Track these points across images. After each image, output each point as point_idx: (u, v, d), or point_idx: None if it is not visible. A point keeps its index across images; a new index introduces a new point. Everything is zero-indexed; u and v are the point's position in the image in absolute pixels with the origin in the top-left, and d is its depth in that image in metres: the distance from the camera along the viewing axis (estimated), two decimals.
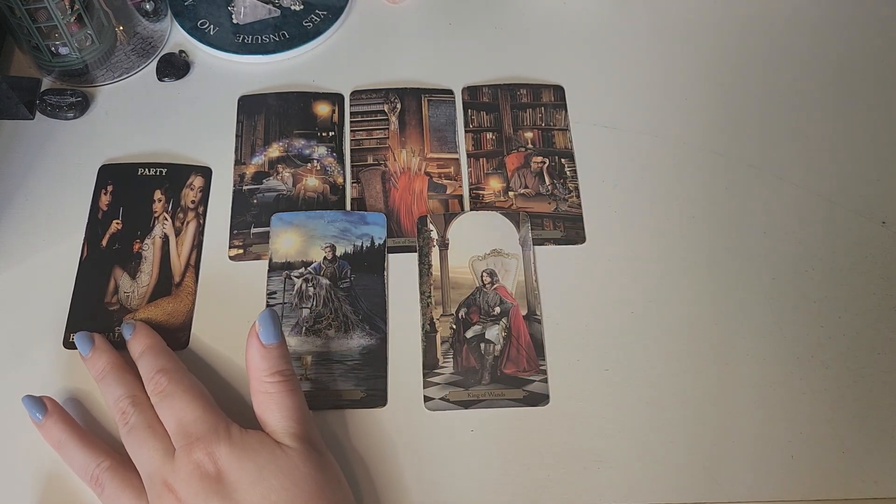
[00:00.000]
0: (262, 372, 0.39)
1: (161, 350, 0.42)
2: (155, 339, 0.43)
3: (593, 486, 0.42)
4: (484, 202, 0.51)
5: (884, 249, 0.49)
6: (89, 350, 0.43)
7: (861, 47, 0.58)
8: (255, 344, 0.39)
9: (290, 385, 0.39)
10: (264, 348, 0.39)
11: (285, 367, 0.39)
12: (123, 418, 0.40)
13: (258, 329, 0.39)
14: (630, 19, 0.59)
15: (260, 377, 0.39)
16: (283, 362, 0.39)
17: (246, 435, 0.38)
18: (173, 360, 0.42)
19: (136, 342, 0.43)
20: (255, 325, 0.39)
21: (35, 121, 0.53)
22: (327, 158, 0.52)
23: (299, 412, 0.39)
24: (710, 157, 0.53)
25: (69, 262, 0.48)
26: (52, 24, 0.49)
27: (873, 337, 0.46)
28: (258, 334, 0.39)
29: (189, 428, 0.38)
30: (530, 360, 0.45)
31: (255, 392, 0.39)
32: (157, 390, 0.40)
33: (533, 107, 0.54)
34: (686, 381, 0.45)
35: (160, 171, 0.51)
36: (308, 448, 0.38)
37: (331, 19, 0.57)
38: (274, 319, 0.39)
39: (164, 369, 0.40)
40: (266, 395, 0.39)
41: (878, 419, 0.44)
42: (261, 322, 0.39)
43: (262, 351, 0.39)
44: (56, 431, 0.41)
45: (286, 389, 0.39)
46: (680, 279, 0.48)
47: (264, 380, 0.39)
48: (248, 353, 0.39)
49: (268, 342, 0.39)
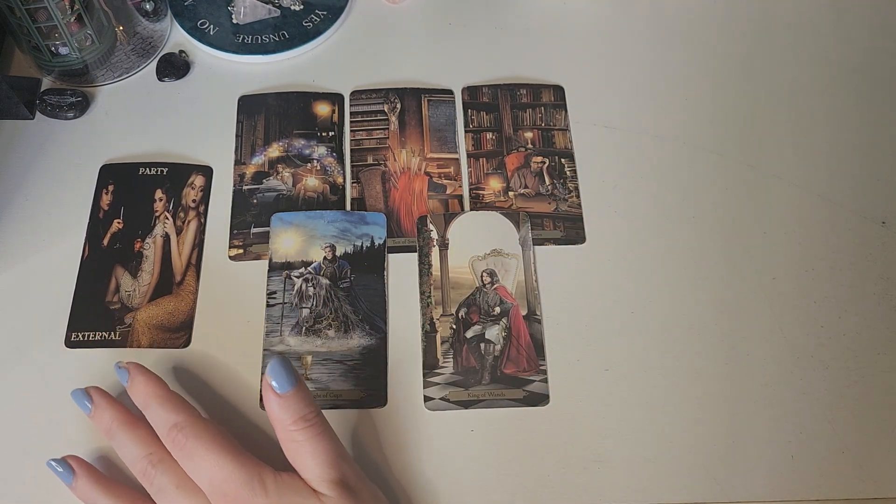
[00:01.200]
0: (285, 422, 0.37)
1: (166, 399, 0.40)
2: (157, 387, 0.40)
3: (593, 486, 0.42)
4: (484, 202, 0.51)
5: (884, 249, 0.49)
6: (89, 408, 0.41)
7: (861, 47, 0.58)
8: (272, 397, 0.37)
9: (318, 429, 0.38)
10: (281, 398, 0.37)
11: (308, 410, 0.38)
12: (147, 479, 0.38)
13: (270, 382, 0.37)
14: (630, 19, 0.59)
15: (284, 427, 0.37)
16: (305, 406, 0.38)
17: (281, 484, 0.37)
18: (184, 408, 0.40)
19: (137, 392, 0.41)
20: (265, 377, 0.38)
21: (35, 121, 0.53)
22: (327, 158, 0.52)
23: (331, 455, 0.37)
24: (710, 157, 0.53)
25: (70, 261, 0.48)
26: (52, 24, 0.49)
27: (873, 337, 0.46)
28: (271, 387, 0.37)
29: (223, 487, 0.37)
30: (530, 360, 0.45)
31: (284, 441, 0.38)
32: (178, 448, 0.38)
33: (533, 107, 0.54)
34: (686, 381, 0.45)
35: (161, 170, 0.51)
36: (345, 493, 0.37)
37: (331, 19, 0.57)
38: (284, 367, 0.38)
39: (178, 424, 0.38)
40: (294, 444, 0.37)
41: (878, 419, 0.44)
42: (271, 374, 0.37)
43: (279, 402, 0.37)
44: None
45: (314, 434, 0.37)
46: (680, 279, 0.48)
47: (289, 429, 0.37)
48: (266, 407, 0.38)
49: (283, 391, 0.37)
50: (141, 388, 0.40)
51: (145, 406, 0.40)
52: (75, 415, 0.43)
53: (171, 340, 0.45)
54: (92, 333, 0.45)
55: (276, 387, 0.37)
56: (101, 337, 0.45)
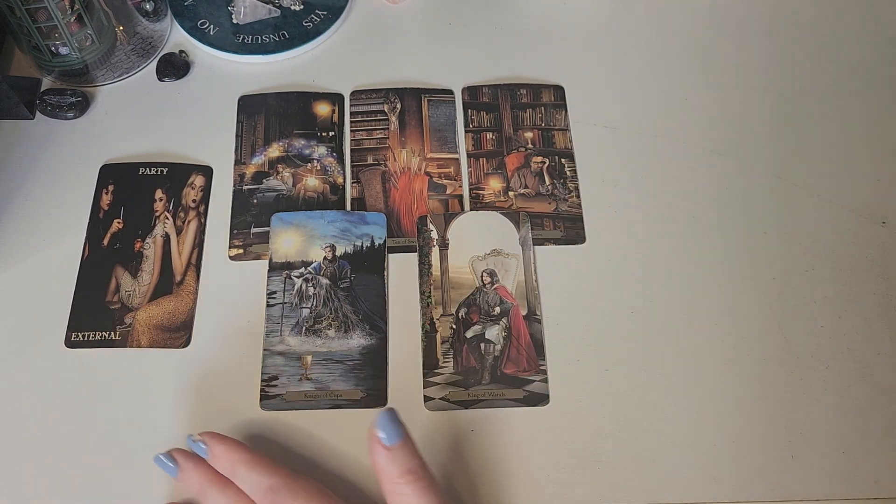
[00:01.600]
0: (391, 474, 0.37)
1: (255, 462, 0.39)
2: (241, 452, 0.39)
3: (593, 486, 0.42)
4: (484, 202, 0.51)
5: (884, 249, 0.49)
6: (175, 472, 0.40)
7: (861, 47, 0.58)
8: (379, 449, 0.37)
9: (425, 482, 0.37)
10: (389, 451, 0.37)
11: (414, 463, 0.37)
12: None
13: (378, 434, 0.37)
14: (630, 19, 0.59)
15: (391, 479, 0.37)
16: (412, 459, 0.37)
17: None
18: (276, 469, 0.39)
19: (220, 461, 0.39)
20: (373, 430, 0.37)
21: (35, 121, 0.53)
22: (327, 158, 0.52)
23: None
24: (710, 157, 0.53)
25: (70, 261, 0.48)
26: (52, 24, 0.49)
27: (873, 337, 0.46)
28: (379, 439, 0.37)
29: None
30: (530, 360, 0.45)
31: (389, 494, 0.37)
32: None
33: (533, 107, 0.54)
34: (686, 381, 0.45)
35: (161, 170, 0.51)
36: None
37: (331, 19, 0.57)
38: (393, 419, 0.37)
39: (273, 487, 0.38)
40: (401, 497, 0.37)
41: (878, 419, 0.44)
42: (380, 426, 0.37)
43: (387, 454, 0.37)
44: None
45: (422, 488, 0.37)
46: (680, 279, 0.48)
47: (396, 481, 0.37)
48: (373, 459, 0.38)
49: (391, 444, 0.37)
50: (225, 457, 0.39)
51: (233, 473, 0.39)
52: (75, 415, 0.43)
53: (171, 340, 0.45)
54: (92, 333, 0.45)
55: (384, 439, 0.37)
56: (101, 337, 0.45)
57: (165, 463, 0.40)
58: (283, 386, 0.44)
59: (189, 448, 0.40)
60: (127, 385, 0.44)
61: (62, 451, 0.42)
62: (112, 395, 0.44)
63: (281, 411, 0.43)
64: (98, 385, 0.44)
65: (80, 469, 0.42)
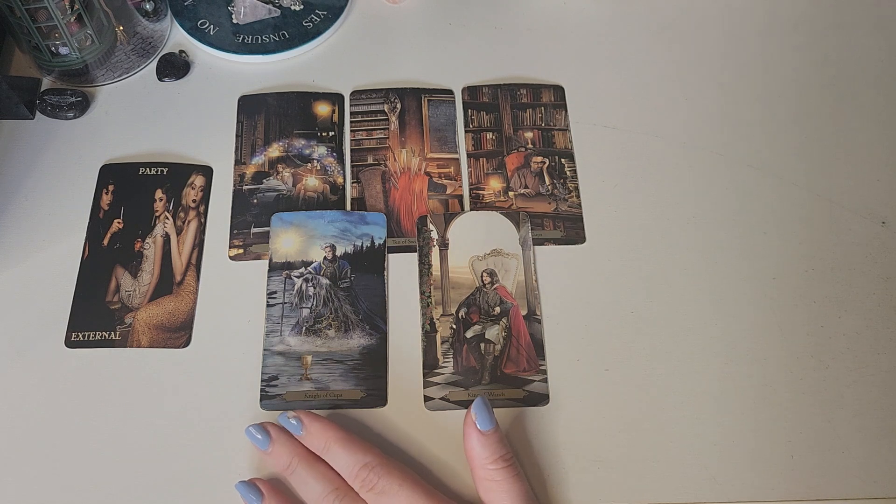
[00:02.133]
0: (484, 460, 0.39)
1: (349, 440, 0.40)
2: (336, 430, 0.40)
3: (593, 486, 0.42)
4: (484, 202, 0.51)
5: (884, 249, 0.49)
6: (268, 444, 0.41)
7: (861, 47, 0.58)
8: (474, 433, 0.39)
9: (515, 470, 0.39)
10: (483, 436, 0.39)
11: (505, 451, 0.40)
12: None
13: (474, 418, 0.39)
14: (630, 19, 0.59)
15: (483, 465, 0.39)
16: (503, 447, 0.40)
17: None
18: (370, 448, 0.40)
19: (315, 438, 0.40)
20: (469, 413, 0.40)
21: (35, 121, 0.53)
22: (327, 158, 0.52)
23: (526, 497, 0.39)
24: (710, 157, 0.53)
25: (70, 261, 0.48)
26: (52, 24, 0.49)
27: (873, 337, 0.46)
28: (475, 423, 0.39)
29: None
30: (530, 360, 0.45)
31: (480, 479, 0.39)
32: (368, 487, 0.38)
33: (533, 107, 0.54)
34: (686, 380, 0.45)
35: (161, 170, 0.51)
36: None
37: (331, 19, 0.57)
38: (487, 406, 0.40)
39: (369, 464, 0.39)
40: (493, 483, 0.39)
41: (878, 419, 0.44)
42: (476, 411, 0.40)
43: (481, 439, 0.39)
44: None
45: (512, 475, 0.39)
46: (680, 279, 0.48)
47: (488, 467, 0.39)
48: (467, 444, 0.40)
49: (485, 429, 0.39)
50: (320, 434, 0.40)
51: (325, 450, 0.40)
52: (75, 414, 0.43)
53: (171, 340, 0.45)
54: (92, 333, 0.45)
55: (479, 423, 0.39)
56: (101, 337, 0.45)
57: (256, 436, 0.41)
58: (284, 386, 0.44)
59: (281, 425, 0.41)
60: (127, 385, 0.44)
61: (62, 451, 0.42)
62: (112, 395, 0.44)
63: (281, 411, 0.43)
64: (98, 385, 0.44)
65: (81, 469, 0.42)
